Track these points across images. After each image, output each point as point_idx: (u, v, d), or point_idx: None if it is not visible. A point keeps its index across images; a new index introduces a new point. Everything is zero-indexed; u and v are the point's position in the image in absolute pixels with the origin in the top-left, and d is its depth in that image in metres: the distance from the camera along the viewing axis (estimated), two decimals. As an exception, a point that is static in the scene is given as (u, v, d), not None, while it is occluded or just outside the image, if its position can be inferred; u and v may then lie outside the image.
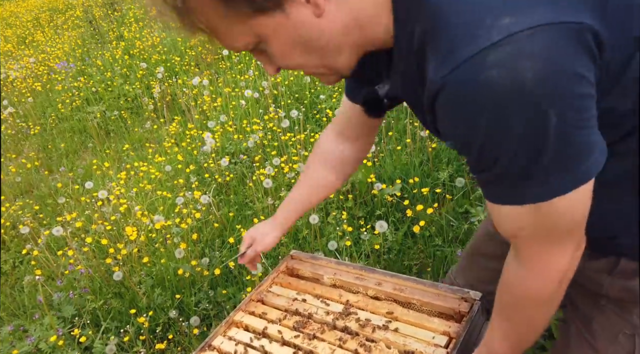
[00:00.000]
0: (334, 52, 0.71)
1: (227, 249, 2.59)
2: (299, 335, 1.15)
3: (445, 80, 0.61)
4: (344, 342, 1.10)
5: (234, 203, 2.94)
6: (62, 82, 5.37)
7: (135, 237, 2.57)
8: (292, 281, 1.35)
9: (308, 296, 1.28)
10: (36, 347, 2.13)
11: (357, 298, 1.23)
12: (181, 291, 2.37)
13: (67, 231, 2.67)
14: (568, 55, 0.58)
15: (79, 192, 3.46)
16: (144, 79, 5.06)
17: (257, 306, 1.29)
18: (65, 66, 5.70)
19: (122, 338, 2.15)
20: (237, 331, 1.24)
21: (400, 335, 1.08)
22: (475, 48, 0.58)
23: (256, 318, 1.25)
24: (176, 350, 2.14)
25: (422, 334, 1.06)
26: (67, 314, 2.31)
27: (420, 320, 1.11)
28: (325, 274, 1.32)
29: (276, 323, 1.21)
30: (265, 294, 1.32)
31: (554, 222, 0.69)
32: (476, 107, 0.60)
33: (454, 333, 1.05)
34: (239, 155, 3.32)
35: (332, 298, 1.25)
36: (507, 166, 0.65)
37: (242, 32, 0.67)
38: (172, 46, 5.63)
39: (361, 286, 1.25)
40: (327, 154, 1.21)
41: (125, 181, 3.45)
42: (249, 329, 1.24)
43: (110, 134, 4.56)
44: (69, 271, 2.57)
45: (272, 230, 1.27)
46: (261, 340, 1.18)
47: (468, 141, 0.65)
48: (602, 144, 0.65)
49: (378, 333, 1.10)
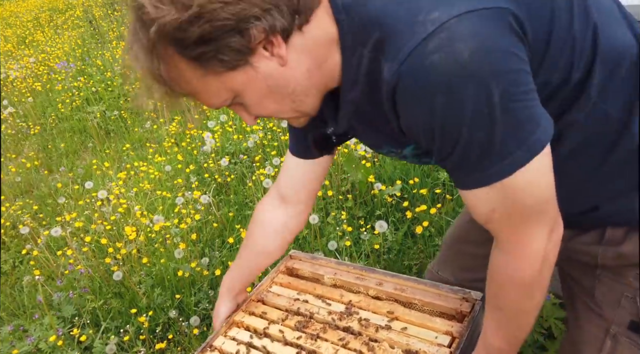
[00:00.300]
0: (302, 96, 0.79)
1: (227, 249, 2.59)
2: (301, 335, 1.15)
3: (397, 73, 0.68)
4: (347, 342, 1.10)
5: (234, 203, 2.94)
6: (62, 82, 5.37)
7: (135, 237, 2.57)
8: (292, 280, 1.35)
9: (309, 296, 1.28)
10: (36, 347, 2.13)
11: (359, 298, 1.22)
12: (181, 291, 2.37)
13: (67, 231, 2.67)
14: (495, 34, 0.66)
15: (78, 192, 3.46)
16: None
17: (257, 306, 1.29)
18: (65, 66, 5.70)
19: (122, 337, 2.15)
20: (237, 331, 1.23)
21: (403, 335, 1.08)
22: (416, 41, 0.66)
23: (257, 318, 1.25)
24: (176, 350, 2.14)
25: (425, 334, 1.07)
26: (67, 314, 2.31)
27: (422, 320, 1.11)
28: (325, 274, 1.32)
29: (277, 323, 1.21)
30: (265, 294, 1.31)
31: (521, 198, 0.72)
32: (428, 91, 0.67)
33: (457, 333, 1.05)
34: (239, 155, 3.32)
35: (334, 298, 1.25)
36: (466, 145, 0.69)
37: (219, 89, 0.75)
38: (172, 46, 5.62)
39: (362, 286, 1.25)
40: (265, 224, 1.22)
41: (125, 181, 3.45)
42: (250, 329, 1.23)
43: (110, 134, 4.56)
44: (69, 271, 2.57)
45: (224, 304, 1.28)
46: (263, 340, 1.18)
47: (429, 127, 0.70)
48: (547, 115, 0.71)
49: (381, 332, 1.10)
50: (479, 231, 1.23)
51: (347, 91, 0.80)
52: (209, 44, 0.68)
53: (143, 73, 0.74)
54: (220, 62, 0.70)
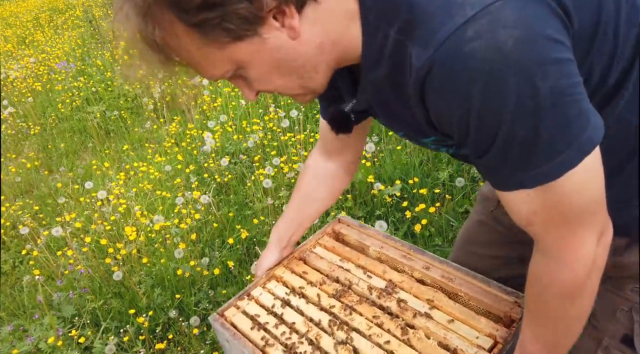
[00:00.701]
0: (311, 72, 0.73)
1: (227, 249, 2.59)
2: (337, 304, 1.11)
3: (431, 60, 0.62)
4: (381, 322, 1.04)
5: (233, 203, 2.94)
6: (62, 82, 5.37)
7: (135, 237, 2.57)
8: (337, 246, 1.30)
9: (351, 265, 1.22)
10: (36, 347, 2.13)
11: (402, 278, 1.15)
12: (181, 291, 2.37)
13: (67, 231, 2.67)
14: (541, 20, 0.60)
15: (78, 192, 3.46)
16: (144, 79, 5.05)
17: (298, 264, 1.25)
18: (65, 66, 5.70)
19: (122, 337, 2.15)
20: (276, 285, 1.21)
21: (442, 327, 1.01)
22: (453, 25, 0.60)
23: (296, 276, 1.22)
24: (176, 350, 2.14)
25: (466, 332, 0.99)
26: (67, 314, 2.31)
27: (465, 316, 1.03)
28: (372, 246, 1.26)
29: (315, 285, 1.18)
30: (308, 253, 1.28)
31: (569, 202, 0.66)
32: (466, 79, 0.61)
33: (501, 338, 0.96)
34: (238, 155, 3.32)
35: (376, 272, 1.18)
36: (505, 143, 0.63)
37: (220, 60, 0.68)
38: (172, 46, 5.62)
39: (407, 266, 1.18)
40: (315, 171, 1.21)
41: (125, 181, 3.45)
42: (288, 285, 1.21)
43: (110, 134, 4.56)
44: (69, 271, 2.57)
45: (269, 255, 1.26)
46: (299, 300, 1.15)
47: (464, 119, 0.64)
48: (595, 110, 0.65)
49: (419, 319, 1.03)
50: (486, 233, 1.20)
51: (368, 70, 0.74)
52: (214, 9, 0.61)
53: (134, 38, 0.66)
54: (225, 31, 0.63)
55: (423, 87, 0.66)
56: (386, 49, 0.69)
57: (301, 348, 1.03)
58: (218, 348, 2.09)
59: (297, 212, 1.24)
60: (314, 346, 1.03)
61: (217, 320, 1.15)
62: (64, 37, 7.18)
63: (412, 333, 1.00)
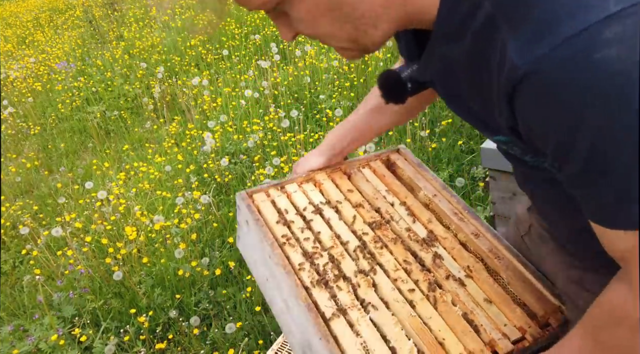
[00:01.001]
0: (369, 26, 0.62)
1: (227, 249, 2.59)
2: (370, 233, 1.03)
3: (541, 61, 0.49)
4: (410, 270, 0.97)
5: (233, 203, 2.94)
6: (62, 82, 5.37)
7: (135, 237, 2.57)
8: (387, 175, 1.19)
9: (396, 200, 1.12)
10: (36, 347, 2.13)
11: (446, 235, 1.05)
12: (181, 291, 2.37)
13: (67, 231, 2.67)
14: None
15: (78, 192, 3.46)
16: (144, 79, 5.06)
17: (342, 177, 1.17)
18: (65, 66, 5.70)
19: (122, 337, 2.15)
20: (313, 188, 1.13)
21: (471, 299, 0.92)
22: (585, 21, 0.46)
23: (336, 189, 1.13)
24: (176, 350, 2.14)
25: (495, 314, 0.90)
26: (67, 314, 2.31)
27: (501, 299, 0.93)
28: (424, 190, 1.14)
29: (354, 207, 1.09)
30: (355, 171, 1.19)
31: None
32: (585, 96, 0.48)
33: (530, 336, 0.88)
34: (238, 155, 3.32)
35: (420, 218, 1.08)
36: (619, 176, 0.52)
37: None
38: (172, 46, 5.63)
39: (455, 224, 1.06)
40: None
41: (125, 181, 3.45)
42: (324, 194, 1.12)
43: (110, 134, 4.56)
44: (69, 271, 2.57)
45: (316, 157, 1.16)
46: (332, 213, 1.07)
47: (569, 142, 0.52)
48: None
49: (450, 282, 0.95)
50: None
51: (441, 42, 0.63)
52: None
53: None
54: None
55: (517, 90, 0.53)
56: (472, 22, 0.56)
57: (320, 261, 0.96)
58: (218, 348, 2.09)
59: (361, 120, 1.11)
60: (333, 265, 0.96)
61: (245, 199, 1.07)
62: (64, 37, 7.18)
63: (438, 293, 0.92)
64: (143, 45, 5.83)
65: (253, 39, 5.03)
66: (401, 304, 0.91)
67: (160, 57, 5.44)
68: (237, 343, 2.06)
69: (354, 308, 0.90)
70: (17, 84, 5.70)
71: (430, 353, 0.84)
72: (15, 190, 3.88)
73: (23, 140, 4.80)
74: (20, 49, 7.31)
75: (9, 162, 4.37)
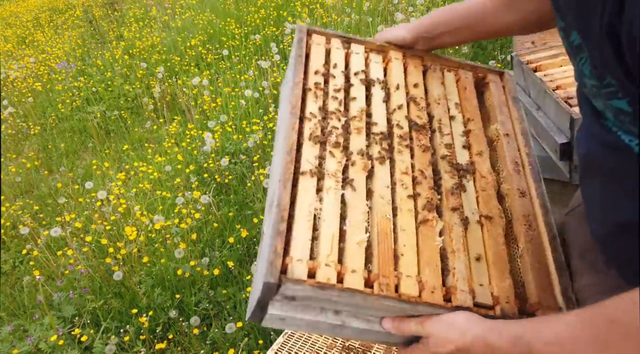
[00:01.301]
0: None
1: (227, 249, 2.59)
2: (405, 130, 0.94)
3: None
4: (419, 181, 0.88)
5: (233, 203, 2.94)
6: (62, 82, 5.37)
7: (135, 237, 2.57)
8: (470, 91, 1.05)
9: (459, 117, 1.00)
10: (36, 347, 2.13)
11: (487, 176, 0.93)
12: (181, 291, 2.37)
13: (67, 231, 2.67)
14: None
15: (78, 192, 3.46)
16: (144, 79, 5.06)
17: (417, 66, 1.05)
18: (65, 66, 5.70)
19: (122, 337, 2.15)
20: (377, 61, 1.04)
21: (463, 244, 0.82)
22: None
23: (402, 74, 1.02)
24: (176, 350, 2.14)
25: (478, 271, 0.80)
26: (67, 314, 2.31)
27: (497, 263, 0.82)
28: (500, 125, 1.00)
29: (408, 99, 0.99)
30: (436, 69, 1.06)
31: None
32: None
33: (500, 311, 0.77)
34: (238, 155, 3.32)
35: (472, 146, 0.96)
36: None
37: None
38: (172, 46, 5.63)
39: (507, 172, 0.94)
40: None
41: (125, 181, 3.45)
42: (386, 73, 1.02)
43: (110, 134, 4.56)
44: (69, 271, 2.57)
45: (402, 31, 1.03)
46: (380, 91, 0.99)
47: None
48: None
49: (453, 217, 0.85)
50: None
51: None
52: None
53: None
54: None
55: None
56: None
57: (334, 123, 0.90)
58: (218, 348, 2.09)
59: (479, 9, 0.96)
60: (343, 133, 0.90)
61: (302, 31, 1.02)
62: (64, 37, 7.18)
63: (431, 216, 0.84)
64: (143, 45, 5.83)
65: (253, 39, 5.03)
66: (384, 202, 0.83)
67: (160, 57, 5.44)
68: (237, 343, 2.06)
69: (332, 178, 0.83)
70: (17, 84, 5.70)
71: (379, 259, 0.77)
72: (15, 190, 3.88)
73: (23, 140, 4.80)
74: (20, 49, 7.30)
75: (9, 162, 4.37)
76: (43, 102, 5.27)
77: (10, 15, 9.51)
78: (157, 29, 6.33)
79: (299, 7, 5.67)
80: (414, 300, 0.74)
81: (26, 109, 5.12)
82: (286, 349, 1.56)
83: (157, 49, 5.68)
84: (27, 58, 6.41)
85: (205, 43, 5.45)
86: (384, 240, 0.79)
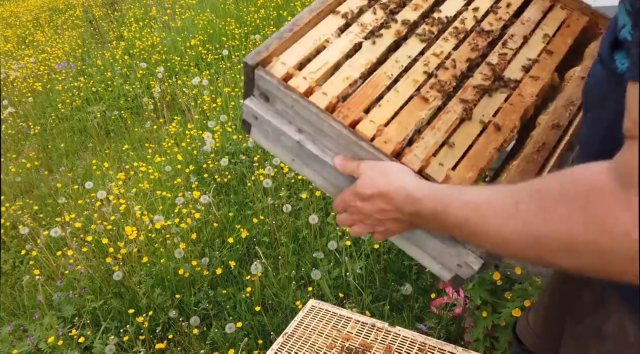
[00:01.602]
0: None
1: (227, 249, 2.59)
2: (465, 25, 0.88)
3: None
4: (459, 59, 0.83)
5: (233, 203, 2.94)
6: (62, 82, 5.37)
7: (135, 237, 2.57)
8: (574, 30, 0.94)
9: (539, 42, 0.90)
10: (36, 347, 2.13)
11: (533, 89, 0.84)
12: (181, 291, 2.37)
13: (67, 231, 2.67)
14: None
15: (78, 192, 3.46)
16: (144, 79, 5.06)
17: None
18: (65, 66, 5.70)
19: (122, 337, 2.15)
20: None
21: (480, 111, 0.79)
22: None
23: None
24: (176, 350, 2.14)
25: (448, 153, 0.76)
26: (67, 314, 2.31)
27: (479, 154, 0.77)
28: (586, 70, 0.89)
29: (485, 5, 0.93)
30: None
31: None
32: None
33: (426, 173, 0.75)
34: (238, 155, 3.32)
35: (534, 73, 0.86)
36: None
37: None
38: (172, 46, 5.62)
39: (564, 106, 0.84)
40: None
41: (125, 181, 3.45)
42: None
43: (110, 134, 4.56)
44: (69, 271, 2.57)
45: None
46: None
47: None
48: None
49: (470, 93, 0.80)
50: None
51: None
52: None
53: None
54: None
55: None
56: None
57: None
58: (218, 348, 2.09)
59: None
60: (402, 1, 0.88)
61: None
62: (64, 37, 7.18)
63: (432, 97, 0.79)
64: (143, 45, 5.83)
65: (253, 39, 5.03)
66: (395, 65, 0.81)
67: (160, 57, 5.44)
68: (237, 343, 2.06)
69: (359, 27, 0.83)
70: (17, 84, 5.70)
71: (355, 98, 0.77)
72: (15, 190, 3.88)
73: (23, 140, 4.80)
74: (20, 49, 7.30)
75: (9, 162, 4.37)
76: (43, 102, 5.27)
77: (10, 15, 9.51)
78: (157, 29, 6.33)
79: (299, 7, 5.67)
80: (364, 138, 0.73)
81: (26, 109, 5.12)
82: (286, 349, 1.56)
83: (157, 49, 5.68)
84: (27, 58, 6.41)
85: (205, 43, 5.45)
86: (371, 89, 0.79)
